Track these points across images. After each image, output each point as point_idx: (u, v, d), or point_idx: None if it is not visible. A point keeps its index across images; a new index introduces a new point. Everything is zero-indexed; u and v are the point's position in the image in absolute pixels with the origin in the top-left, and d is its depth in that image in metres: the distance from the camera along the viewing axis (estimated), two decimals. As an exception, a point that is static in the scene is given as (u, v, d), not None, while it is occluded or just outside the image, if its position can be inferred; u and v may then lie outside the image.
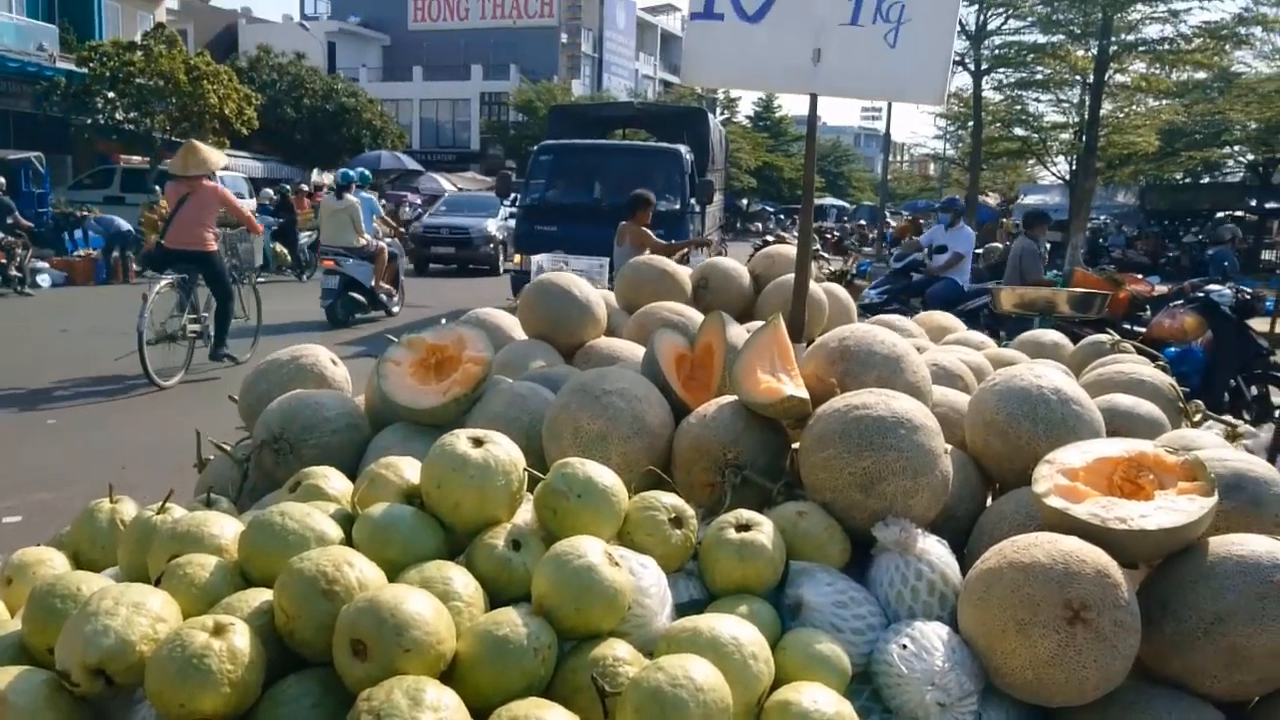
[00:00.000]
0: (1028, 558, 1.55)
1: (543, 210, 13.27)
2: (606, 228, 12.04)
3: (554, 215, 12.98)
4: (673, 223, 12.77)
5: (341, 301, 12.19)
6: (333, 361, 2.66)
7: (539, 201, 13.51)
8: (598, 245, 11.53)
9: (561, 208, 13.21)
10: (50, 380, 8.59)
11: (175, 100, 23.28)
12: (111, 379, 8.61)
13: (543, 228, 12.86)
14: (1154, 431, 2.33)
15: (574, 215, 12.81)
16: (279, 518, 1.57)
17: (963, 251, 10.49)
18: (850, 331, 2.20)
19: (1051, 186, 32.46)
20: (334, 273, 12.06)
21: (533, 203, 13.56)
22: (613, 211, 12.69)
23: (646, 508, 1.74)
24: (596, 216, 12.66)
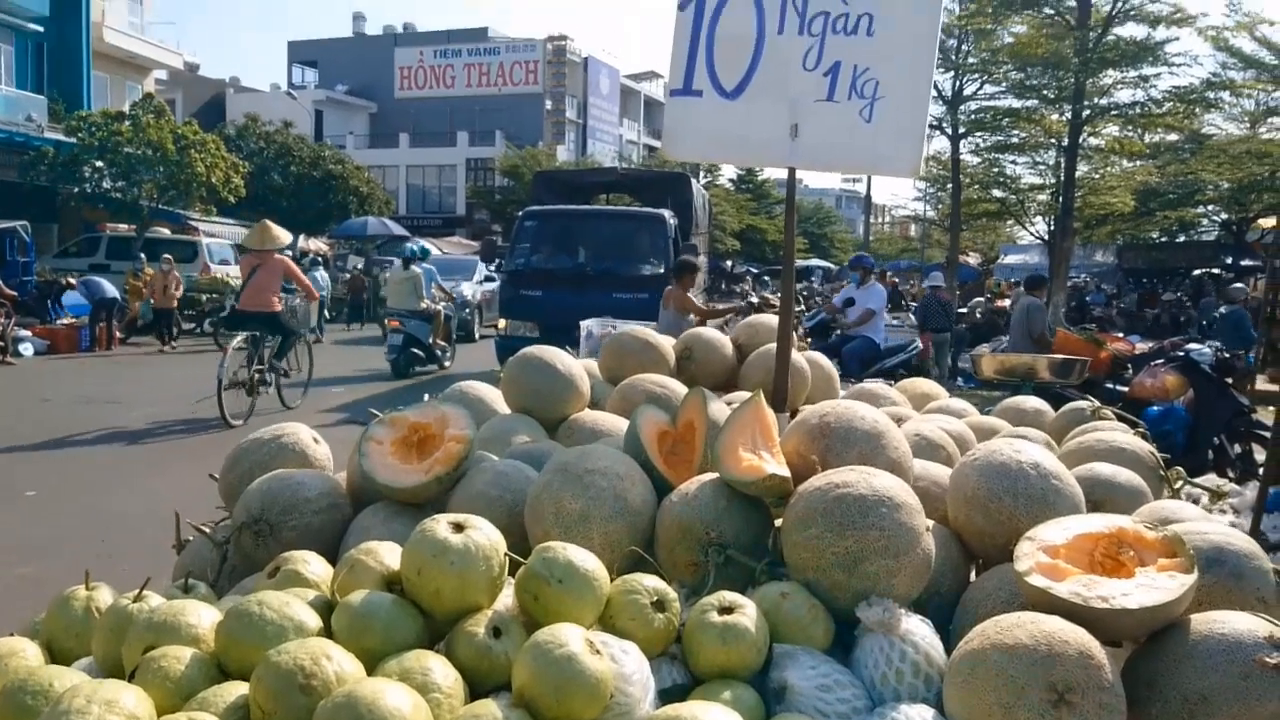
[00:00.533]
0: (1011, 639, 1.54)
1: (527, 275, 13.33)
2: (591, 293, 12.23)
3: (539, 280, 13.05)
4: (657, 286, 12.85)
5: (404, 356, 14.23)
6: (314, 440, 2.65)
7: (524, 267, 13.56)
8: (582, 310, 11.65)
9: (546, 272, 13.26)
10: (31, 447, 8.52)
11: (163, 169, 23.45)
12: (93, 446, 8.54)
13: (528, 293, 12.97)
14: (1135, 500, 2.34)
15: (559, 280, 12.91)
16: (257, 607, 1.56)
17: (874, 307, 10.49)
18: (831, 408, 2.21)
19: (1031, 246, 32.93)
20: (399, 332, 14.24)
21: (518, 268, 13.61)
22: (597, 276, 12.85)
23: (629, 591, 1.73)
24: (581, 281, 12.85)
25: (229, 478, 2.56)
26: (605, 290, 12.19)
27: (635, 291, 12.30)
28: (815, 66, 2.87)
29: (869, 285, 10.90)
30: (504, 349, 12.50)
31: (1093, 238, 28.74)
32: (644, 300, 11.98)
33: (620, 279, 12.72)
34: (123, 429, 9.06)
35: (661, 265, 13.11)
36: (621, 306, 11.40)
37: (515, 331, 12.82)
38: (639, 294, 12.16)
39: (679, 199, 15.14)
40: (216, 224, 27.83)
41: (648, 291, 12.35)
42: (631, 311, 10.93)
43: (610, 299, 11.94)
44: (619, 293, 12.19)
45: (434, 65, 54.05)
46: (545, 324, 12.17)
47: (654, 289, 12.67)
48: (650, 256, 13.22)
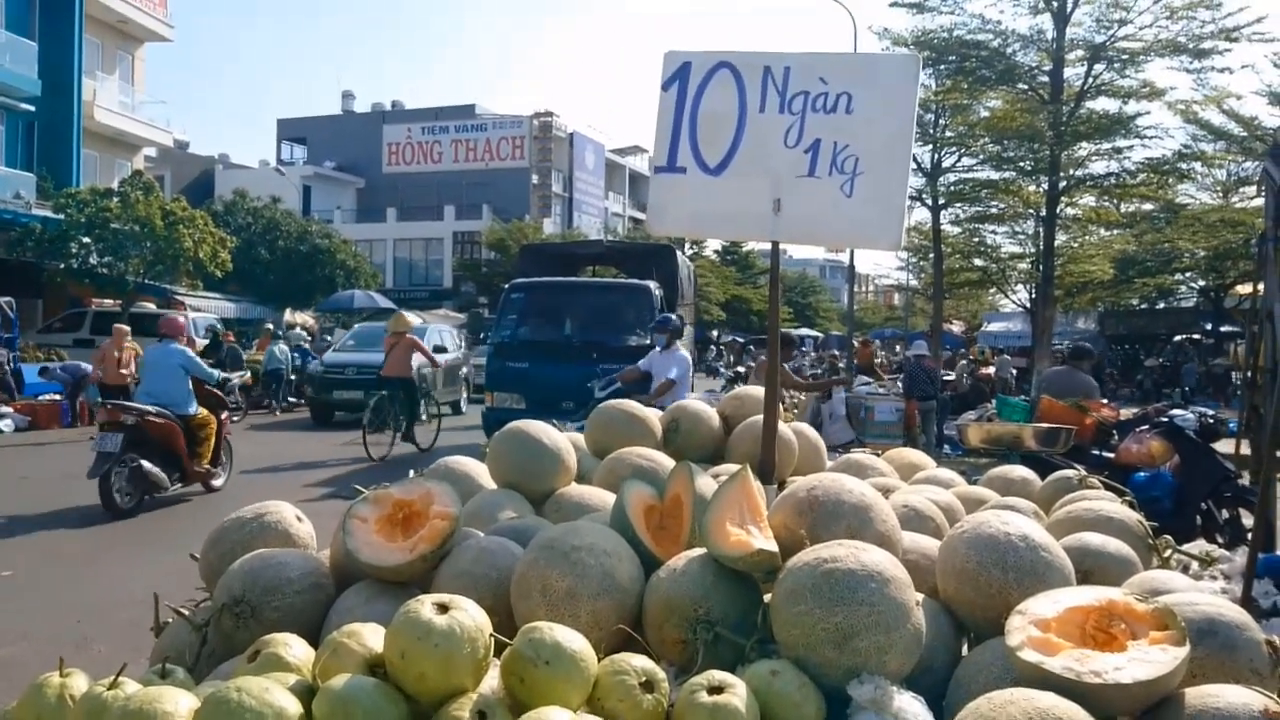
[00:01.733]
0: (1005, 716, 1.52)
1: (514, 347, 13.23)
2: (578, 364, 12.13)
3: (525, 352, 12.96)
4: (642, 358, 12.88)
5: None
6: (298, 518, 2.62)
7: (510, 339, 13.45)
8: (568, 382, 11.55)
9: (533, 344, 13.18)
10: (7, 526, 8.37)
11: (150, 244, 23.55)
12: (72, 525, 8.40)
13: (514, 365, 12.86)
14: (1125, 569, 2.33)
15: (545, 352, 12.84)
16: (236, 694, 1.52)
17: (675, 377, 9.13)
18: (818, 481, 2.21)
19: (1013, 314, 33.29)
20: None
21: (504, 340, 13.49)
22: (583, 347, 12.73)
23: (617, 671, 1.70)
24: (568, 353, 12.71)
25: (210, 557, 2.53)
26: (591, 361, 12.02)
27: (622, 362, 12.10)
28: (796, 144, 2.93)
29: (672, 350, 9.59)
30: (491, 421, 12.35)
31: (1074, 305, 29.11)
32: None
33: (607, 350, 12.58)
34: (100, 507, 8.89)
35: (649, 339, 13.12)
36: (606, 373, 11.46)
37: (502, 404, 12.73)
38: (625, 365, 12.20)
39: (664, 270, 15.18)
40: (203, 298, 27.87)
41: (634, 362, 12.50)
42: None
43: (596, 371, 11.79)
44: (605, 363, 12.07)
45: (421, 141, 54.84)
46: (531, 396, 12.10)
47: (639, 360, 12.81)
48: (636, 328, 13.10)
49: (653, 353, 9.92)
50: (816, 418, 11.23)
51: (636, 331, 13.00)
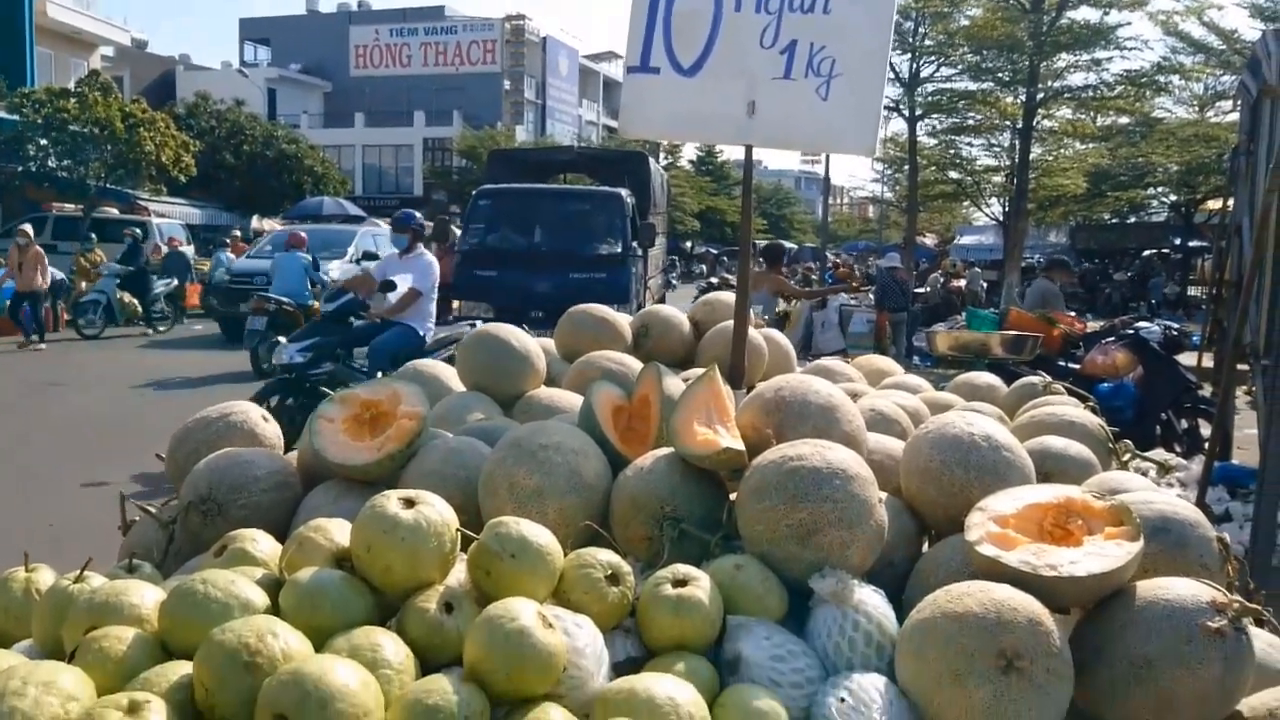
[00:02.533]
0: (961, 607, 1.56)
1: (482, 255, 12.96)
2: (547, 272, 11.91)
3: (493, 260, 12.71)
4: (614, 267, 12.56)
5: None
6: (264, 418, 2.60)
7: (478, 247, 13.19)
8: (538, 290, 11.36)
9: (501, 252, 12.95)
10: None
11: (110, 147, 22.91)
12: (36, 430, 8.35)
13: (482, 273, 12.59)
14: (1085, 472, 2.37)
15: (513, 260, 12.62)
16: (201, 585, 1.53)
17: (421, 288, 8.07)
18: (786, 382, 2.21)
19: (986, 227, 33.33)
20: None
21: (471, 248, 13.21)
22: (553, 256, 12.47)
23: (582, 565, 1.72)
24: (536, 261, 12.52)
25: (176, 457, 2.51)
26: (561, 270, 11.91)
27: (592, 271, 12.09)
28: (772, 44, 2.85)
29: (416, 255, 8.24)
30: None
31: (1046, 219, 29.20)
32: (600, 281, 11.77)
33: (577, 259, 12.43)
34: (68, 414, 8.85)
35: (619, 245, 12.85)
36: (578, 287, 11.10)
37: (469, 312, 12.27)
38: (595, 274, 11.98)
39: (637, 178, 14.85)
40: (167, 204, 27.28)
41: (605, 271, 12.20)
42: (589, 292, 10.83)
43: (567, 279, 11.65)
44: (575, 273, 11.92)
45: (390, 44, 53.29)
46: (499, 305, 11.74)
47: (611, 269, 12.34)
48: (607, 236, 12.94)
49: (389, 256, 8.63)
50: (810, 325, 11.37)
51: (608, 240, 12.84)
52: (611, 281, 11.95)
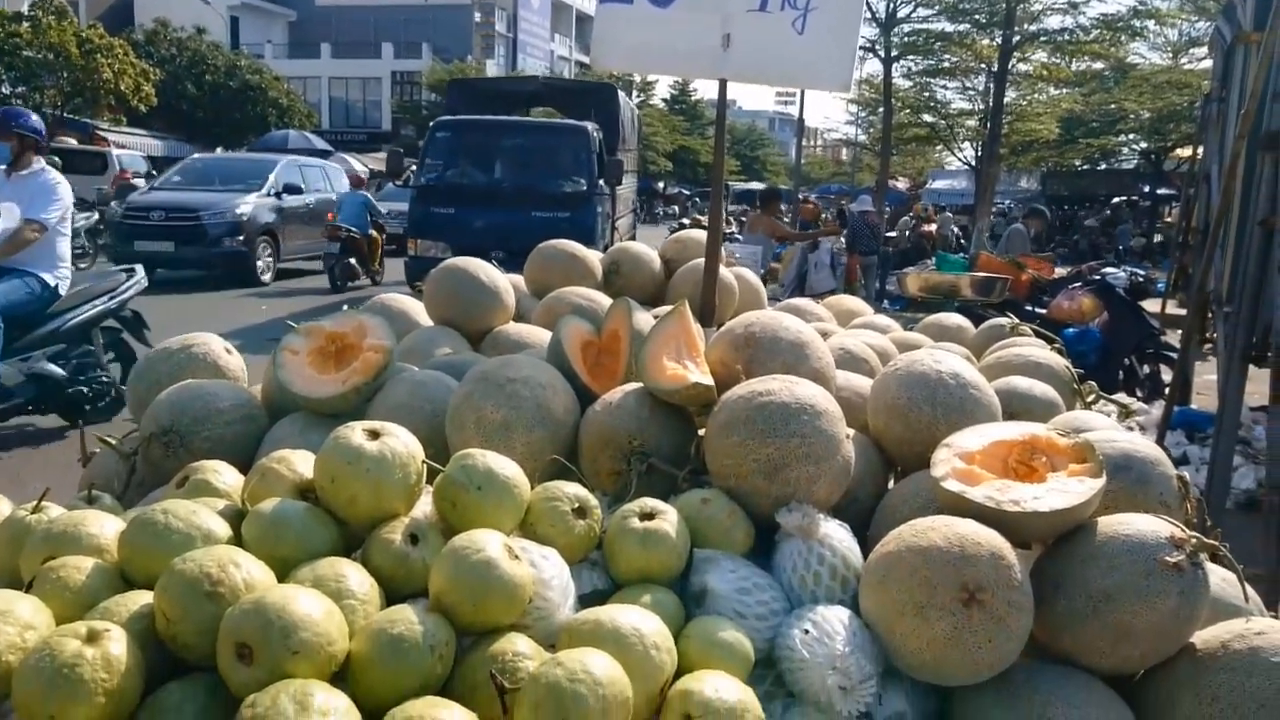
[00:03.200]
0: (925, 541, 1.57)
1: (439, 191, 12.28)
2: (508, 210, 11.38)
3: (451, 197, 12.07)
4: (578, 205, 12.00)
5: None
6: (226, 350, 2.56)
7: (436, 182, 12.48)
8: (498, 229, 10.86)
9: (459, 188, 12.28)
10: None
11: (66, 75, 22.24)
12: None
13: (439, 210, 11.97)
14: (1050, 412, 2.39)
15: (473, 197, 12.00)
16: (162, 516, 1.50)
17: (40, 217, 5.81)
18: (756, 318, 2.20)
19: (958, 172, 33.33)
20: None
21: (428, 183, 12.47)
22: (514, 193, 11.85)
23: (549, 498, 1.71)
24: (497, 198, 11.89)
25: (137, 388, 2.47)
26: (523, 208, 11.40)
27: (555, 210, 11.52)
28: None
29: (30, 173, 5.94)
30: (414, 271, 11.65)
31: (1018, 164, 29.27)
32: (564, 220, 11.18)
33: (539, 196, 11.82)
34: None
35: (584, 181, 12.23)
36: (541, 226, 10.49)
37: (425, 252, 11.82)
38: (559, 213, 11.44)
39: (605, 111, 14.19)
40: (127, 134, 26.59)
41: (569, 209, 11.67)
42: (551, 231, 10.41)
43: (528, 218, 11.13)
44: (538, 211, 11.38)
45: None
46: (457, 244, 11.07)
47: (576, 208, 11.84)
48: (572, 172, 12.32)
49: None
50: (803, 266, 11.55)
51: (573, 176, 12.22)
52: (576, 220, 11.33)
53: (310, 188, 16.71)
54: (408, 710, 1.24)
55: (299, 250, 16.04)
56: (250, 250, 14.49)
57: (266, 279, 14.99)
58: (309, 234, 16.05)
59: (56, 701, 1.19)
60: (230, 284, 14.07)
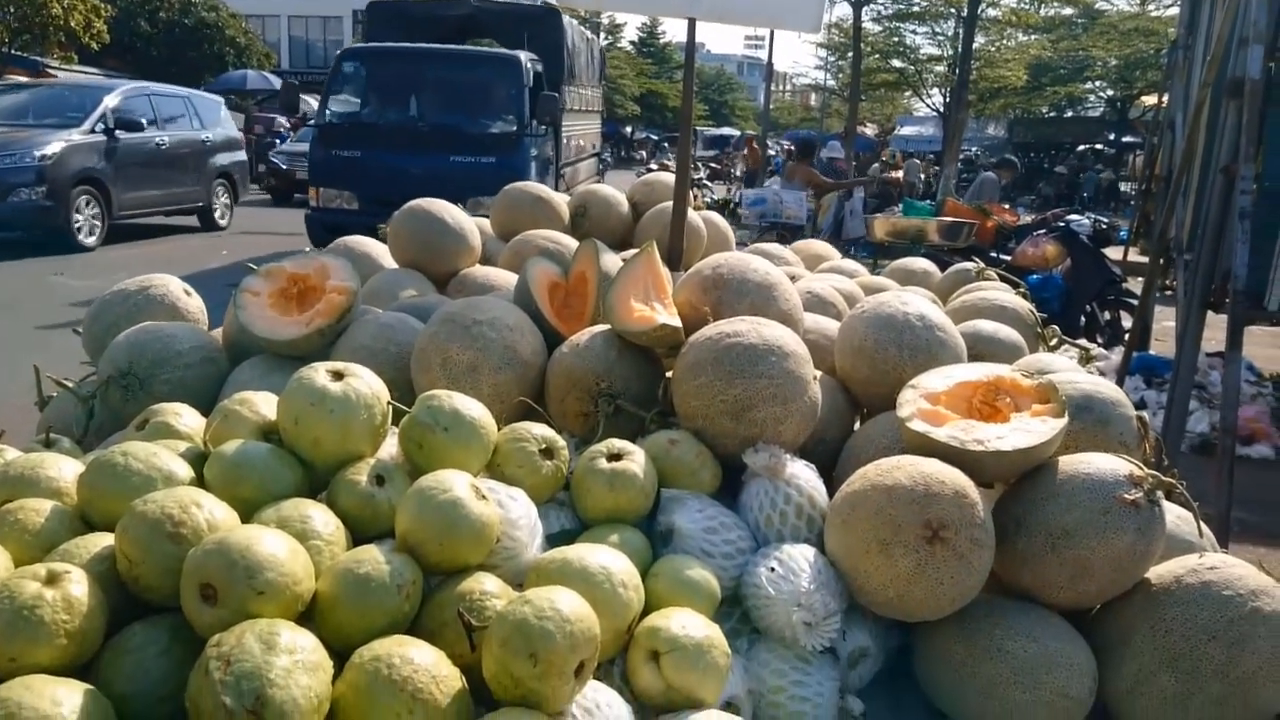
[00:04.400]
0: (890, 480, 1.59)
1: (344, 132, 10.59)
2: (424, 154, 9.89)
3: (358, 138, 10.41)
4: (507, 148, 10.26)
5: None
6: (186, 292, 2.51)
7: (341, 120, 10.79)
8: (412, 177, 9.36)
9: (368, 128, 10.62)
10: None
11: (14, 9, 21.44)
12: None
13: (343, 153, 10.27)
14: (1014, 355, 2.41)
15: (384, 138, 10.40)
16: (121, 457, 1.48)
17: None
18: (724, 260, 2.19)
19: (926, 118, 33.26)
20: None
21: (333, 121, 10.72)
22: (432, 134, 10.27)
23: (516, 439, 1.71)
24: (413, 140, 10.26)
25: (93, 330, 2.42)
26: (442, 151, 9.91)
27: (479, 154, 10.05)
28: (717, -92, 2.73)
29: None
30: (316, 226, 10.19)
31: (986, 110, 29.26)
32: (490, 166, 9.81)
33: (461, 138, 10.21)
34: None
35: (515, 121, 10.46)
36: (462, 173, 9.46)
37: (329, 203, 10.27)
38: (484, 157, 10.00)
39: (547, 40, 12.35)
40: (79, 73, 25.76)
41: (495, 155, 10.09)
42: (474, 179, 9.00)
43: (447, 163, 9.78)
44: (459, 155, 9.96)
45: (315, -97, 50.16)
46: (365, 194, 9.96)
47: (504, 151, 10.18)
48: (502, 110, 10.57)
49: None
50: (839, 213, 12.01)
51: (502, 115, 10.55)
52: (503, 166, 9.68)
53: (164, 123, 13.15)
54: (375, 649, 1.24)
55: (145, 204, 12.67)
56: (60, 204, 10.95)
57: (90, 242, 11.39)
58: (163, 183, 12.87)
59: (17, 643, 1.17)
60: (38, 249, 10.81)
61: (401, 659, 1.22)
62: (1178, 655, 1.56)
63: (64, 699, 1.11)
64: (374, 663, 1.22)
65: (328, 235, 9.24)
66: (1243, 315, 4.61)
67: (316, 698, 1.15)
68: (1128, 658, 1.61)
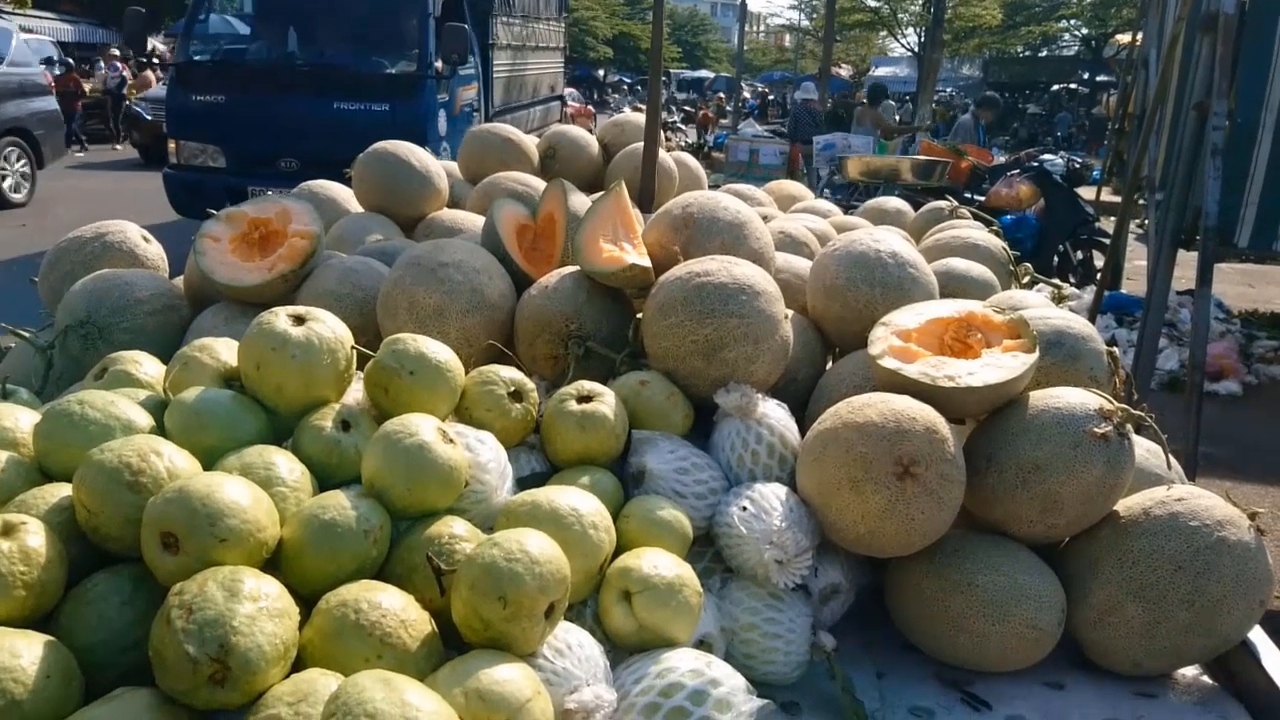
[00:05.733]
0: (861, 418, 1.58)
1: (209, 72, 8.90)
2: (303, 101, 8.38)
3: (225, 80, 8.75)
4: (405, 93, 8.55)
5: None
6: (144, 238, 2.44)
7: (202, 58, 9.10)
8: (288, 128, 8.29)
9: (236, 70, 8.95)
10: None
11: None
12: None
13: (206, 99, 8.61)
14: (986, 292, 2.40)
15: (255, 80, 8.69)
16: (78, 406, 1.44)
17: None
18: (694, 199, 2.16)
19: (901, 59, 32.99)
20: None
21: (193, 60, 8.98)
22: (313, 76, 8.59)
23: (484, 382, 1.68)
24: (289, 83, 8.56)
25: (50, 279, 2.36)
26: (324, 98, 8.35)
27: (369, 100, 8.40)
28: None
29: None
30: (176, 186, 8.75)
31: (961, 50, 29.04)
32: (383, 115, 8.30)
33: (349, 78, 8.47)
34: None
35: (414, 61, 8.65)
36: (348, 123, 8.08)
37: (190, 160, 8.72)
38: (374, 104, 8.40)
39: None
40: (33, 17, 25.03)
41: (390, 101, 8.44)
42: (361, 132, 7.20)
43: (330, 111, 8.28)
44: (345, 101, 8.34)
45: None
46: (232, 149, 8.60)
47: (401, 97, 8.51)
48: (399, 46, 8.81)
49: None
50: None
51: (401, 52, 8.76)
52: (399, 115, 8.26)
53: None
54: (342, 594, 1.23)
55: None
56: None
57: None
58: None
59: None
60: None
61: (369, 604, 1.21)
62: (1145, 585, 1.58)
63: (23, 650, 1.09)
64: (341, 608, 1.20)
65: (189, 199, 8.11)
66: (1213, 252, 4.63)
67: (283, 644, 1.13)
68: (1096, 589, 1.63)
